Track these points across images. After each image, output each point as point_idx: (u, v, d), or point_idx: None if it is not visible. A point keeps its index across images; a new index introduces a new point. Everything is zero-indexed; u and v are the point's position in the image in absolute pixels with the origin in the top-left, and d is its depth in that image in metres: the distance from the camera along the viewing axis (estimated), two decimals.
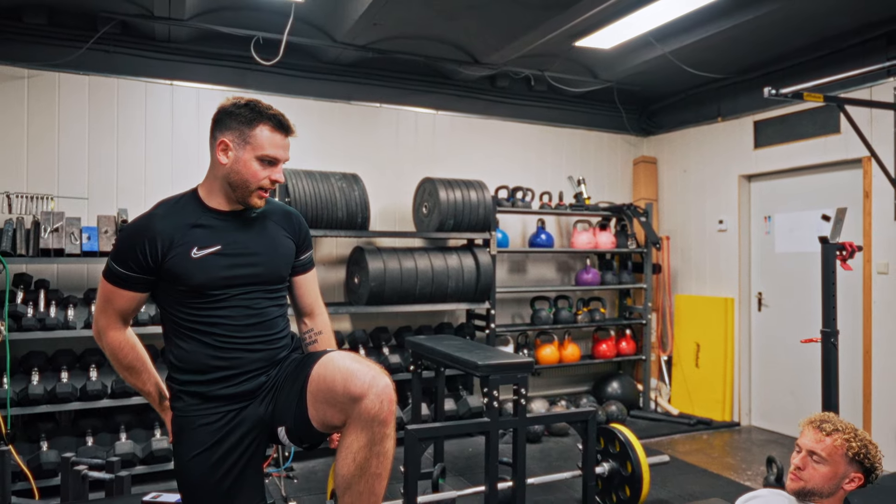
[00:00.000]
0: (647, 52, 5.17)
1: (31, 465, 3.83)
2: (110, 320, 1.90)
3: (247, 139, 1.87)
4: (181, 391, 1.91)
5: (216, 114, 1.92)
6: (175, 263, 1.83)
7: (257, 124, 1.86)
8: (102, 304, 1.90)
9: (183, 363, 1.89)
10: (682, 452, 4.95)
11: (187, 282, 1.84)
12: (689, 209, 6.30)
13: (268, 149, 1.87)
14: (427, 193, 5.23)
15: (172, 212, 1.89)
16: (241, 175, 1.87)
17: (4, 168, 4.25)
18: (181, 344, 1.89)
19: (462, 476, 4.34)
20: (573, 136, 6.40)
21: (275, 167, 1.90)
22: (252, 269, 1.91)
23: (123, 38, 4.60)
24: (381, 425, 1.72)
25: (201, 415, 1.87)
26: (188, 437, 1.87)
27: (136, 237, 1.84)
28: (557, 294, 5.96)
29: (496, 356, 3.50)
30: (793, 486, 2.00)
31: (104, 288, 1.89)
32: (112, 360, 1.94)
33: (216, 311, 1.87)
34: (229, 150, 1.88)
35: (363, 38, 4.80)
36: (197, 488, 1.86)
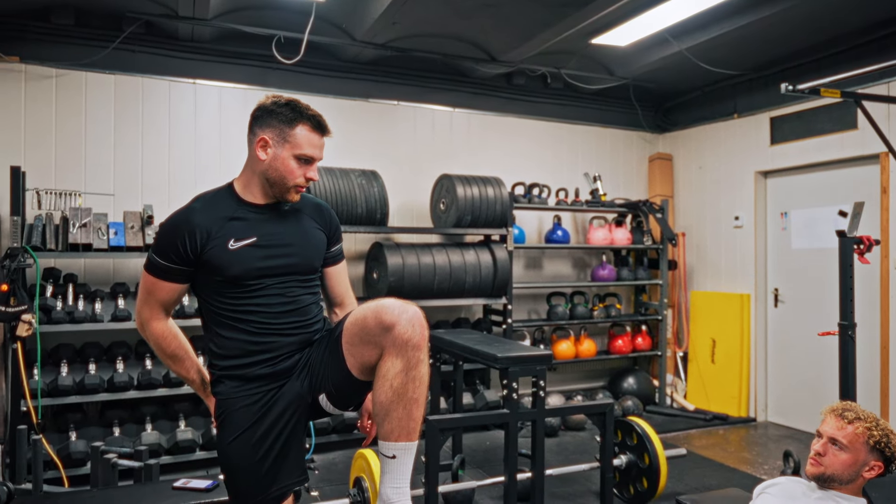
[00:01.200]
0: (663, 49, 5.20)
1: (60, 455, 3.94)
2: (153, 311, 1.96)
3: (286, 137, 1.92)
4: (222, 375, 1.97)
5: (256, 111, 1.96)
6: (213, 255, 1.88)
7: (297, 124, 1.92)
8: (144, 296, 1.96)
9: (222, 350, 1.96)
10: (698, 447, 4.98)
11: (225, 272, 1.90)
12: (705, 206, 6.32)
13: (306, 148, 1.93)
14: (445, 190, 5.29)
15: (209, 205, 1.95)
16: (278, 172, 1.93)
17: (34, 165, 4.35)
18: (220, 332, 1.96)
19: (481, 468, 4.40)
20: (589, 134, 6.43)
21: (310, 165, 1.96)
22: (286, 260, 1.97)
23: (148, 38, 4.70)
24: (415, 349, 1.76)
25: (242, 396, 1.93)
26: (230, 419, 1.93)
27: (175, 230, 1.89)
28: (573, 290, 6.00)
29: (515, 349, 3.56)
30: (813, 471, 2.03)
31: (146, 280, 1.95)
32: (156, 349, 1.99)
33: (252, 300, 1.93)
34: (268, 147, 1.93)
35: (382, 36, 4.87)
36: (240, 469, 1.91)
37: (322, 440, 4.66)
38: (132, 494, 2.70)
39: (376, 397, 1.81)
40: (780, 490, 2.11)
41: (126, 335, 4.42)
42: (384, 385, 1.78)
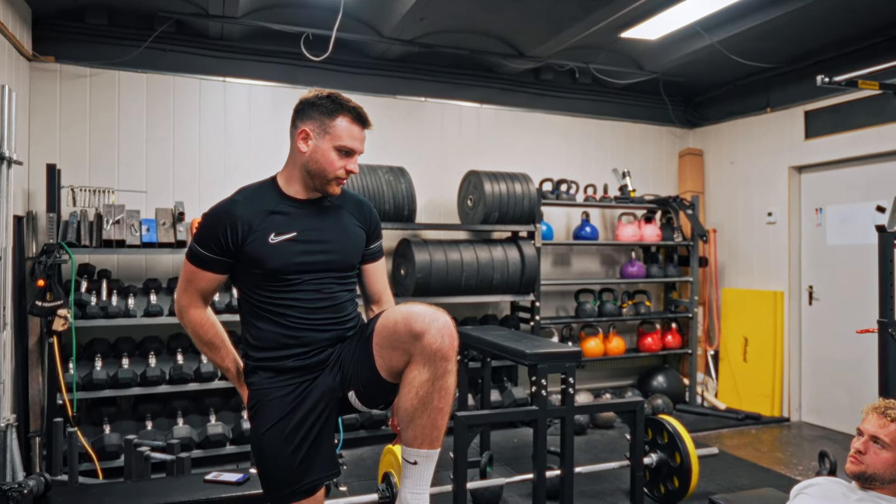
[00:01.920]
0: (693, 42, 5.11)
1: (95, 447, 4.01)
2: (192, 299, 1.99)
3: (326, 129, 1.93)
4: (256, 367, 1.99)
5: (298, 105, 1.99)
6: (253, 248, 1.90)
7: (337, 115, 1.93)
8: (185, 284, 1.99)
9: (258, 341, 1.97)
10: (730, 446, 4.90)
11: (264, 266, 1.91)
12: (737, 202, 6.21)
13: (345, 139, 1.94)
14: (472, 186, 5.27)
15: (252, 198, 1.97)
16: (319, 164, 1.94)
17: (69, 163, 4.43)
18: (256, 323, 1.98)
19: (508, 465, 4.38)
20: (618, 129, 6.36)
21: (351, 158, 1.97)
22: (324, 256, 1.98)
23: (179, 37, 4.75)
24: (443, 360, 1.76)
25: (275, 387, 1.95)
26: (263, 410, 1.95)
27: (218, 222, 1.92)
28: (602, 287, 5.95)
29: (544, 345, 3.53)
30: (853, 469, 1.98)
31: (187, 269, 1.98)
32: (193, 336, 2.03)
33: (290, 294, 1.95)
34: (309, 139, 1.94)
35: (410, 32, 4.87)
36: (273, 460, 1.92)
37: (350, 436, 4.68)
38: (165, 487, 2.74)
39: (401, 403, 1.82)
40: (818, 490, 2.06)
41: (158, 330, 4.48)
42: (410, 392, 1.79)
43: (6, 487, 2.36)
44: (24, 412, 4.02)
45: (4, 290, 3.52)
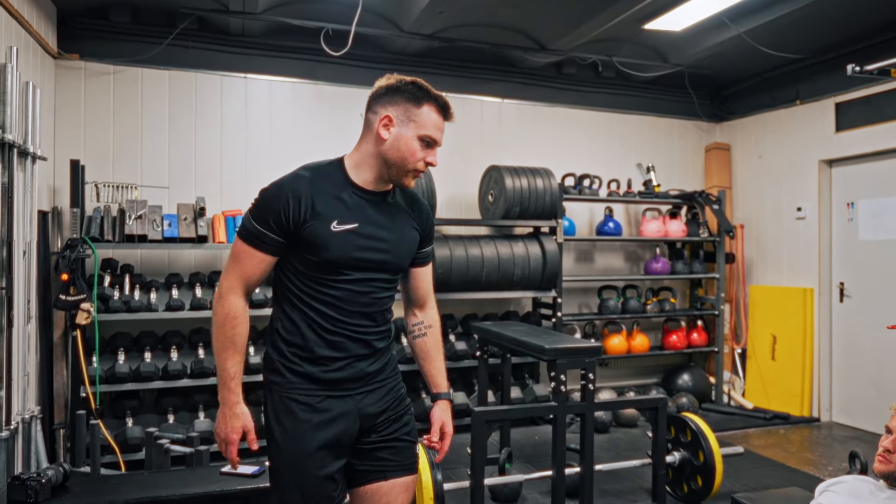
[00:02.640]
0: (720, 33, 5.00)
1: (117, 440, 4.05)
2: (234, 283, 1.82)
3: (412, 117, 1.82)
4: (284, 366, 1.83)
5: (378, 89, 1.87)
6: (313, 231, 1.76)
7: (424, 103, 1.82)
8: (231, 265, 1.83)
9: (288, 335, 1.84)
10: (757, 446, 4.79)
11: (321, 253, 1.78)
12: (765, 196, 6.07)
13: (430, 129, 1.83)
14: (493, 181, 5.23)
15: (319, 177, 1.83)
16: (400, 153, 1.82)
17: (93, 159, 4.49)
18: (291, 314, 1.84)
19: (529, 463, 4.33)
20: (642, 123, 6.27)
21: (432, 149, 1.86)
22: (380, 255, 1.86)
23: (200, 34, 4.79)
24: None
25: (301, 392, 1.82)
26: (287, 415, 1.81)
27: (280, 195, 1.77)
28: (626, 283, 5.86)
29: (563, 341, 3.48)
30: (881, 469, 1.91)
31: (237, 248, 1.83)
32: (218, 328, 1.81)
33: (334, 290, 1.82)
34: (391, 125, 1.82)
35: (429, 26, 4.84)
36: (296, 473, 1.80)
37: None
38: (182, 478, 2.74)
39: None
40: (845, 488, 1.99)
41: (180, 325, 4.52)
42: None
43: (25, 477, 2.38)
44: (49, 404, 4.08)
45: (29, 284, 3.57)
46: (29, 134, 3.46)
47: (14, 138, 3.18)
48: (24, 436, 3.43)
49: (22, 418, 3.38)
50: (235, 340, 1.81)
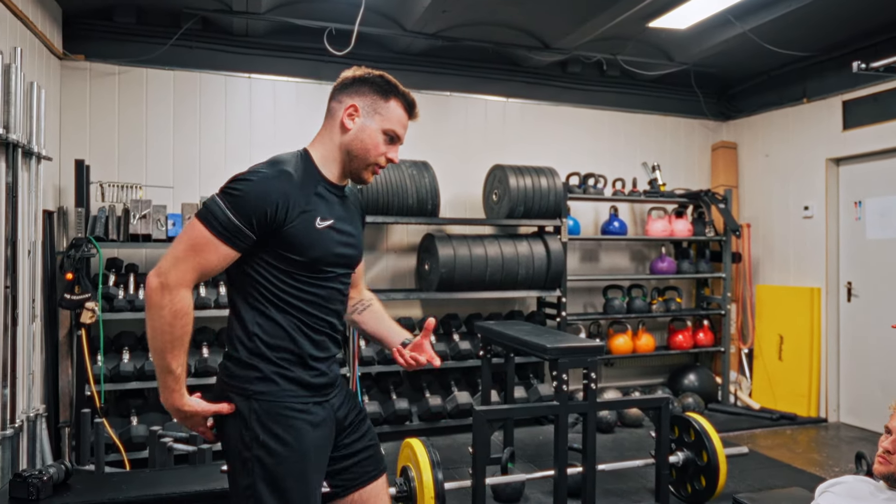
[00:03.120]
0: (725, 30, 4.97)
1: (122, 438, 4.07)
2: (188, 275, 1.61)
3: (378, 109, 1.78)
4: (276, 372, 1.70)
5: (344, 79, 1.82)
6: (298, 230, 1.67)
7: (392, 97, 1.79)
8: (186, 254, 1.60)
9: (274, 339, 1.70)
10: (763, 447, 4.76)
11: (306, 252, 1.70)
12: (772, 195, 6.03)
13: (396, 124, 1.80)
14: (497, 180, 5.22)
15: (301, 173, 1.73)
16: (364, 144, 1.78)
17: (98, 159, 4.51)
18: (274, 316, 1.70)
19: (532, 462, 4.31)
20: (647, 122, 6.24)
21: (394, 146, 1.82)
22: (351, 251, 1.83)
23: (205, 34, 4.80)
24: None
25: (294, 399, 1.71)
26: (283, 425, 1.69)
27: (270, 193, 1.63)
28: (631, 283, 5.84)
29: (566, 340, 3.46)
30: (882, 470, 1.89)
31: (199, 235, 1.61)
32: (167, 324, 1.59)
33: (318, 290, 1.75)
34: (357, 115, 1.78)
35: (433, 26, 4.83)
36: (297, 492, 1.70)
37: None
38: (183, 476, 2.75)
39: None
40: (844, 489, 1.97)
41: None
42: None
43: (27, 474, 2.39)
44: (54, 402, 4.10)
45: (35, 283, 3.60)
46: (34, 134, 3.48)
47: (18, 138, 3.20)
48: (29, 434, 3.45)
49: (27, 416, 3.40)
50: (184, 339, 1.63)
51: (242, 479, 1.68)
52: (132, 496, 2.49)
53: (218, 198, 1.63)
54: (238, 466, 1.68)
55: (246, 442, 1.66)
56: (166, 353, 1.61)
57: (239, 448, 1.68)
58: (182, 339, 1.62)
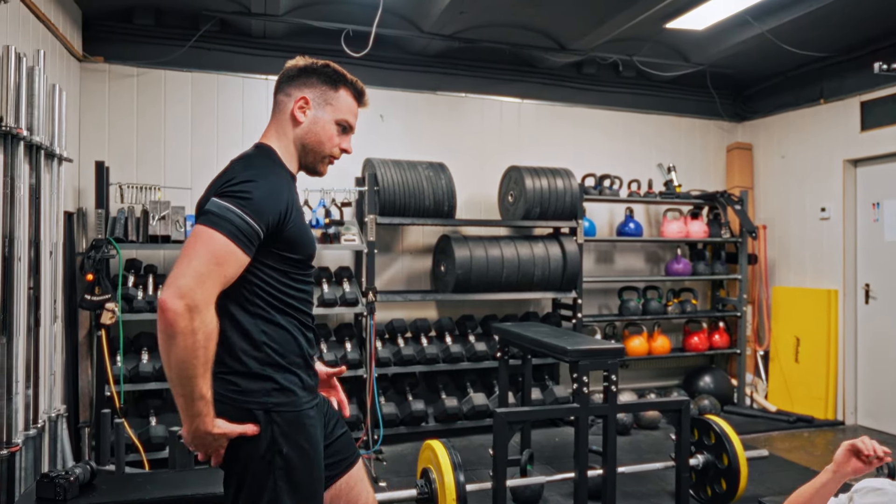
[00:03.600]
0: (743, 31, 4.95)
1: (141, 439, 4.09)
2: (215, 292, 1.48)
3: (329, 99, 1.75)
4: (294, 382, 1.65)
5: (289, 70, 1.77)
6: (296, 229, 1.64)
7: (341, 87, 1.77)
8: (209, 267, 1.46)
9: (282, 346, 1.64)
10: (780, 449, 4.73)
11: (304, 250, 1.68)
12: (788, 197, 6.00)
13: (347, 114, 1.77)
14: (513, 182, 5.21)
15: (285, 170, 1.72)
16: (318, 136, 1.74)
17: (117, 161, 4.54)
18: (279, 320, 1.64)
19: (549, 465, 4.31)
20: (662, 123, 6.22)
21: (347, 136, 1.80)
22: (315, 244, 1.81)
23: (222, 36, 4.82)
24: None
25: (307, 405, 1.69)
26: (303, 434, 1.66)
27: (280, 194, 1.60)
28: (646, 284, 5.82)
29: (585, 342, 3.45)
30: None
31: (220, 246, 1.47)
32: (201, 350, 1.45)
33: (306, 286, 1.73)
34: (308, 108, 1.74)
35: (450, 27, 4.84)
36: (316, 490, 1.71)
37: (390, 432, 4.67)
38: (206, 477, 2.76)
39: None
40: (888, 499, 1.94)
41: None
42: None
43: (54, 474, 2.40)
44: (74, 403, 4.13)
45: (56, 285, 3.62)
46: (55, 136, 3.50)
47: (41, 140, 3.23)
48: (51, 434, 3.48)
49: (48, 417, 3.43)
50: (211, 359, 1.49)
51: (261, 495, 1.60)
52: (157, 497, 2.50)
53: (228, 203, 1.51)
54: (251, 482, 1.59)
55: (266, 458, 1.58)
56: (197, 380, 1.46)
57: (254, 464, 1.59)
58: (212, 360, 1.50)
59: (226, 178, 1.58)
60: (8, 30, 3.06)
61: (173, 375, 1.46)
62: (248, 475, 1.59)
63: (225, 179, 1.57)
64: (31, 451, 3.19)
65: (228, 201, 1.51)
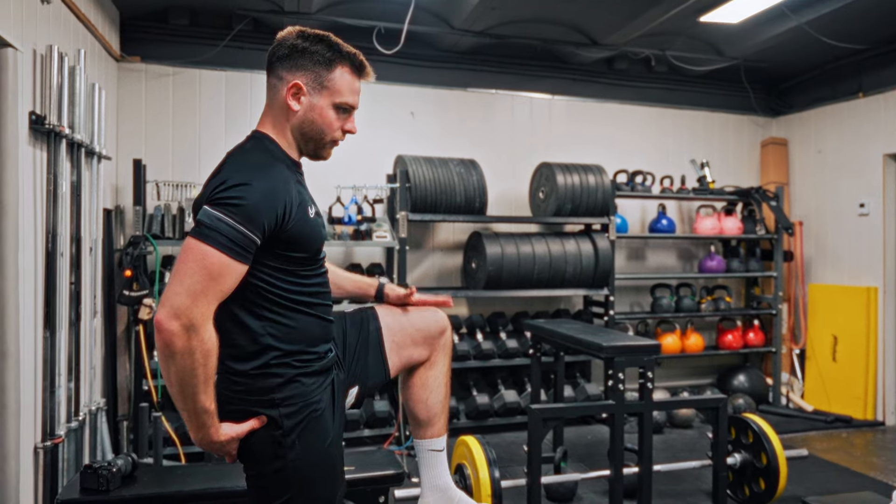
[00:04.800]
0: (779, 24, 4.86)
1: (178, 432, 4.14)
2: (211, 309, 1.44)
3: (324, 83, 1.61)
4: (301, 373, 1.62)
5: (278, 48, 1.62)
6: (298, 227, 1.56)
7: (336, 65, 1.61)
8: (204, 284, 1.41)
9: (287, 343, 1.60)
10: (818, 450, 4.64)
11: (309, 246, 1.61)
12: (825, 193, 5.88)
13: (346, 95, 1.63)
14: (544, 178, 5.18)
15: (284, 165, 1.62)
16: (316, 125, 1.63)
17: (154, 158, 4.60)
18: (282, 319, 1.59)
19: (582, 462, 4.27)
20: (695, 119, 6.14)
21: (349, 115, 1.67)
22: (324, 230, 1.73)
23: (255, 35, 4.86)
24: (451, 350, 2.02)
25: (318, 391, 1.65)
26: (316, 423, 1.62)
27: (276, 197, 1.50)
28: (679, 281, 5.75)
29: (621, 338, 3.43)
30: None
31: (213, 261, 1.42)
32: (200, 366, 1.43)
33: (317, 279, 1.67)
34: (302, 94, 1.61)
35: (481, 23, 4.82)
36: (330, 479, 1.68)
37: None
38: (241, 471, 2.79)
39: (432, 396, 1.93)
40: None
41: None
42: (440, 383, 1.95)
43: (97, 465, 2.45)
44: (113, 397, 4.20)
45: (95, 280, 3.69)
46: (95, 134, 3.57)
47: (82, 138, 3.29)
48: (91, 427, 3.54)
49: (89, 410, 3.49)
50: (213, 374, 1.49)
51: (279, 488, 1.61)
52: (197, 489, 2.53)
53: (219, 212, 1.44)
54: (270, 473, 1.60)
55: (278, 452, 1.58)
56: (199, 395, 1.47)
57: (268, 458, 1.59)
58: (213, 376, 1.48)
59: (218, 181, 1.50)
60: (50, 29, 3.12)
61: (174, 392, 1.48)
62: (261, 466, 1.62)
63: (217, 182, 1.50)
64: (73, 443, 3.26)
65: (219, 210, 1.44)
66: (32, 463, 2.91)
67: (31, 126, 2.85)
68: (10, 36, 2.64)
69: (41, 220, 3.00)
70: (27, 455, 2.86)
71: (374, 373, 1.87)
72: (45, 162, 3.04)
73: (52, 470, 3.02)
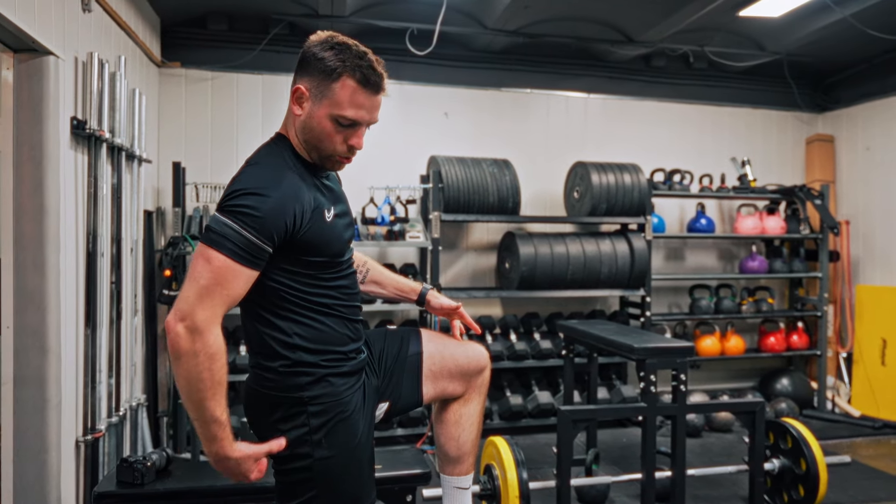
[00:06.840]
0: (823, 17, 4.71)
1: None
2: (216, 312, 1.44)
3: (325, 92, 1.56)
4: (331, 373, 1.64)
5: (301, 53, 1.62)
6: (314, 231, 1.56)
7: (341, 77, 1.55)
8: (210, 288, 1.43)
9: (315, 343, 1.62)
10: (864, 457, 4.48)
11: (326, 250, 1.60)
12: (874, 191, 5.68)
13: (347, 108, 1.56)
14: (579, 177, 5.14)
15: (299, 170, 1.61)
16: (314, 133, 1.60)
17: (192, 161, 4.72)
18: (312, 321, 1.61)
19: (616, 465, 4.22)
20: (736, 116, 6.00)
21: (355, 130, 1.61)
22: (352, 230, 1.76)
23: (291, 38, 4.94)
24: (486, 391, 2.04)
25: (348, 392, 1.67)
26: (345, 423, 1.65)
27: (286, 204, 1.50)
28: (719, 282, 5.62)
29: (653, 340, 3.37)
30: None
31: (220, 265, 1.44)
32: (205, 370, 1.44)
33: (341, 281, 1.67)
34: (304, 100, 1.59)
35: (514, 22, 4.81)
36: (355, 481, 1.69)
37: None
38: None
39: (465, 435, 1.96)
40: None
41: None
42: (473, 423, 1.98)
43: (133, 460, 2.52)
44: (154, 393, 4.32)
45: (136, 280, 3.80)
46: (136, 138, 3.68)
47: (123, 142, 3.39)
48: (132, 422, 3.65)
49: (129, 405, 3.60)
50: (224, 382, 1.48)
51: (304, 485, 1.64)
52: (228, 484, 2.59)
53: (228, 219, 1.46)
54: (295, 470, 1.64)
55: (304, 450, 1.61)
56: (207, 402, 1.46)
57: (295, 455, 1.61)
58: (222, 382, 1.48)
59: (233, 188, 1.52)
60: (91, 37, 3.23)
61: (184, 397, 1.49)
62: (289, 466, 1.65)
63: (230, 190, 1.52)
64: (114, 437, 3.36)
65: (229, 217, 1.47)
66: (74, 456, 3.02)
67: (73, 131, 2.95)
68: (51, 44, 2.74)
69: (82, 222, 3.11)
70: (69, 448, 2.96)
71: (407, 394, 1.89)
72: (87, 165, 3.14)
73: (92, 463, 3.12)
